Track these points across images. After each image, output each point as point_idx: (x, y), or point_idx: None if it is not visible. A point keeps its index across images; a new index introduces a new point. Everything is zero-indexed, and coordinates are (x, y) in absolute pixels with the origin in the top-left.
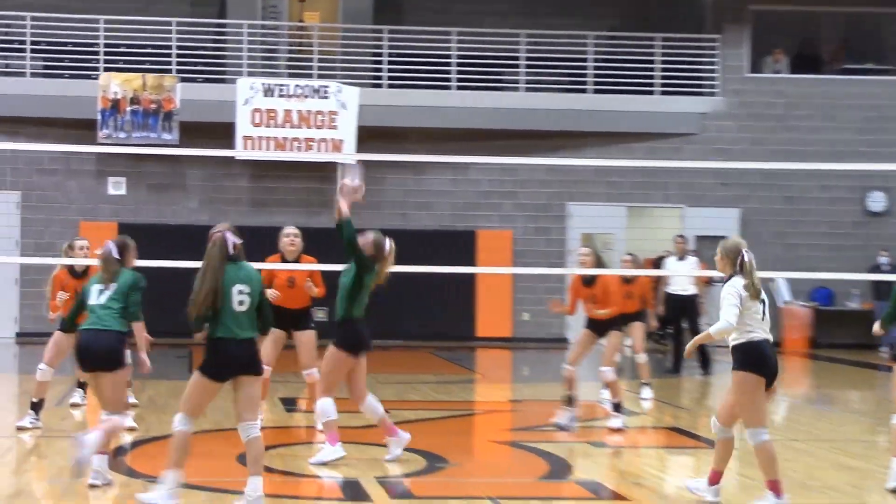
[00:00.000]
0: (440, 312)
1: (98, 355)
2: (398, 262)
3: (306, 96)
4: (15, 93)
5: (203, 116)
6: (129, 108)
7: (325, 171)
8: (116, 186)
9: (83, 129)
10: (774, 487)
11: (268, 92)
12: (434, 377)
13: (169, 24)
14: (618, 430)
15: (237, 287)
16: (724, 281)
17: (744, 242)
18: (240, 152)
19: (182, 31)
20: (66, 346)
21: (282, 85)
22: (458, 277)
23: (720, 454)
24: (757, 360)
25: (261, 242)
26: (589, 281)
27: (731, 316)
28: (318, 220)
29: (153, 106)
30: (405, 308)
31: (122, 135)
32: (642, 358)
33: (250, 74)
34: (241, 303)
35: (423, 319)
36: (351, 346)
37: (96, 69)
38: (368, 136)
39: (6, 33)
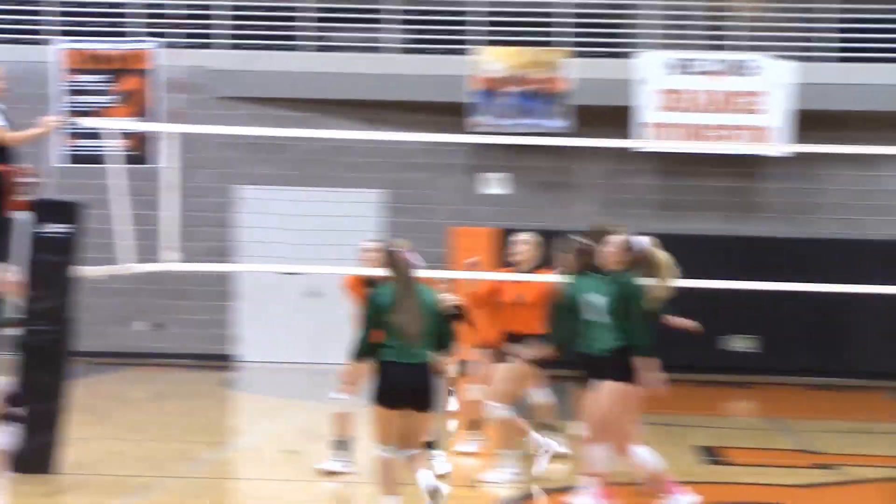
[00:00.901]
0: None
1: None
2: (829, 277)
3: (727, 73)
4: (376, 72)
5: (599, 99)
6: (510, 90)
7: (751, 167)
8: (494, 185)
9: (454, 114)
10: None
11: (679, 68)
12: None
13: None
14: None
15: None
16: None
17: None
18: (643, 143)
19: None
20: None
21: (696, 60)
22: None
23: None
24: None
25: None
26: None
27: None
28: (740, 226)
29: (538, 86)
30: (847, 338)
31: (501, 122)
32: None
33: (657, 47)
34: None
35: (869, 352)
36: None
37: (471, 42)
38: (805, 123)
39: (369, 1)
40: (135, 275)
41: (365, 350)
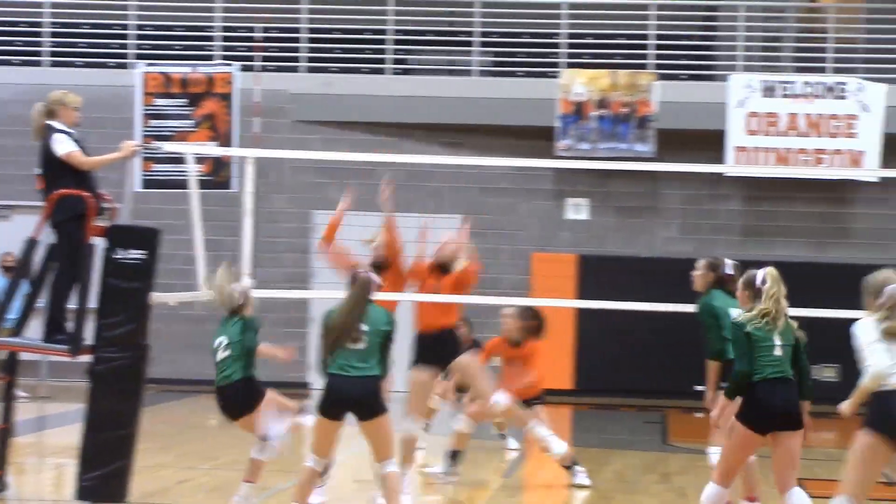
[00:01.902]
0: None
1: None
2: None
3: (817, 96)
4: (458, 95)
5: (686, 123)
6: (595, 113)
7: (842, 192)
8: (577, 210)
9: (539, 138)
10: None
11: (768, 91)
12: None
13: (645, 7)
14: None
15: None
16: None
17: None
18: (731, 168)
19: (662, 16)
20: None
21: (786, 82)
22: None
23: None
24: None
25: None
26: None
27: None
28: (828, 253)
29: (625, 110)
30: None
31: (585, 146)
32: None
33: (746, 69)
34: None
35: None
36: (752, 419)
37: (556, 65)
38: None
39: (451, 23)
40: (209, 301)
41: (321, 363)
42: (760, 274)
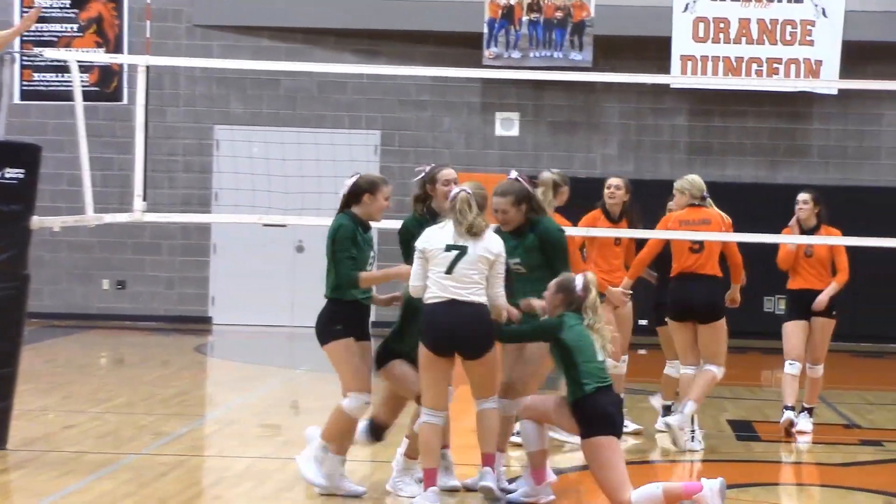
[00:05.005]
0: None
1: None
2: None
3: (771, 0)
4: None
5: (626, 29)
6: (526, 18)
7: (796, 105)
8: (507, 125)
9: (464, 46)
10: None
11: None
12: None
13: None
14: None
15: None
16: None
17: None
18: (676, 78)
19: None
20: None
21: None
22: None
23: None
24: None
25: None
26: None
27: None
28: (784, 173)
29: (559, 14)
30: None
31: (516, 54)
32: None
33: None
34: None
35: None
36: None
37: None
38: (859, 56)
39: None
40: (97, 226)
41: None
42: (580, 281)
